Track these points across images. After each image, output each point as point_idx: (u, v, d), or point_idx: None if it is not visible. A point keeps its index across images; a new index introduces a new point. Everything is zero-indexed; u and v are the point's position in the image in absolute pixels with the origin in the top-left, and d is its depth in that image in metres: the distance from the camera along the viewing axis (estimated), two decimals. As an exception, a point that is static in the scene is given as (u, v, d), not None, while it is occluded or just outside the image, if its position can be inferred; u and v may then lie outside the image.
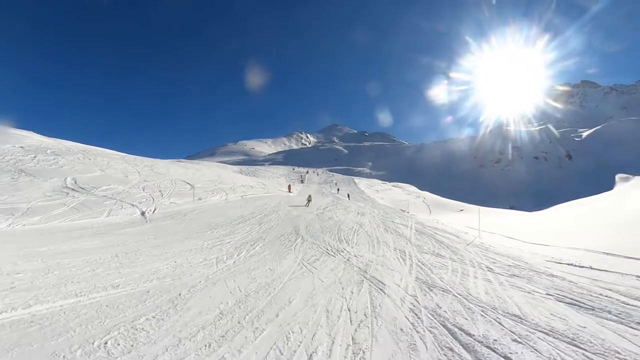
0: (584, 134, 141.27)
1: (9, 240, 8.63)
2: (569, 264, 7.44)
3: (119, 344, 3.39)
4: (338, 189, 40.10)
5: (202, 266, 6.88)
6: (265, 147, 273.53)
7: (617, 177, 32.83)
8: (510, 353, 3.14)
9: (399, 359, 3.07)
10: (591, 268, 6.96)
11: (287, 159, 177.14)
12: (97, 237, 9.90)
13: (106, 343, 3.40)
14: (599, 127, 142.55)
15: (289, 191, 33.32)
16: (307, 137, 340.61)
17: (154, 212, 15.04)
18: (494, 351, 3.18)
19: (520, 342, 3.37)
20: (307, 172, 65.67)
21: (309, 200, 22.16)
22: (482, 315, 4.14)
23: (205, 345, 3.33)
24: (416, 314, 4.24)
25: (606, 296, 5.02)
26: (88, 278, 5.63)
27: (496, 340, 3.40)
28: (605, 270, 6.68)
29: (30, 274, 5.63)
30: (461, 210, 29.92)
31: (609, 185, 30.73)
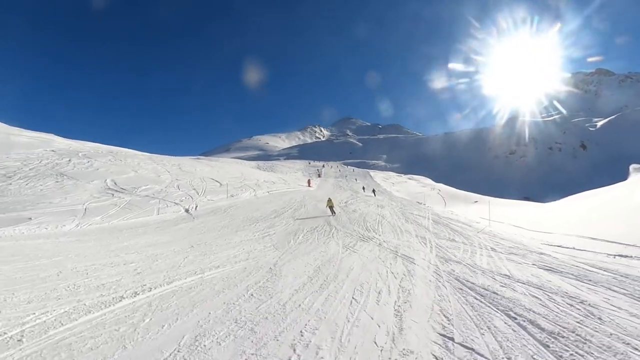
0: (599, 124, 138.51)
1: (85, 239, 9.38)
2: (557, 246, 9.27)
3: (260, 295, 4.91)
4: (363, 187, 36.56)
5: (267, 251, 8.50)
6: (279, 142, 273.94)
7: (631, 167, 33.29)
8: (497, 291, 5.22)
9: (431, 293, 5.20)
10: (574, 249, 8.77)
11: (302, 153, 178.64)
12: (161, 232, 11.01)
13: (252, 295, 4.88)
14: (613, 116, 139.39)
15: (309, 186, 34.50)
16: (321, 131, 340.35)
17: (196, 209, 16.35)
18: (487, 290, 5.28)
19: (505, 287, 5.44)
20: (324, 166, 67.10)
21: (332, 207, 17.13)
22: (482, 275, 6.23)
23: (314, 291, 5.31)
24: (438, 274, 6.35)
25: (576, 266, 6.91)
26: (188, 263, 6.64)
27: (489, 285, 5.49)
28: (585, 250, 8.47)
29: (142, 263, 6.45)
30: (475, 201, 31.06)
31: (623, 176, 31.23)
